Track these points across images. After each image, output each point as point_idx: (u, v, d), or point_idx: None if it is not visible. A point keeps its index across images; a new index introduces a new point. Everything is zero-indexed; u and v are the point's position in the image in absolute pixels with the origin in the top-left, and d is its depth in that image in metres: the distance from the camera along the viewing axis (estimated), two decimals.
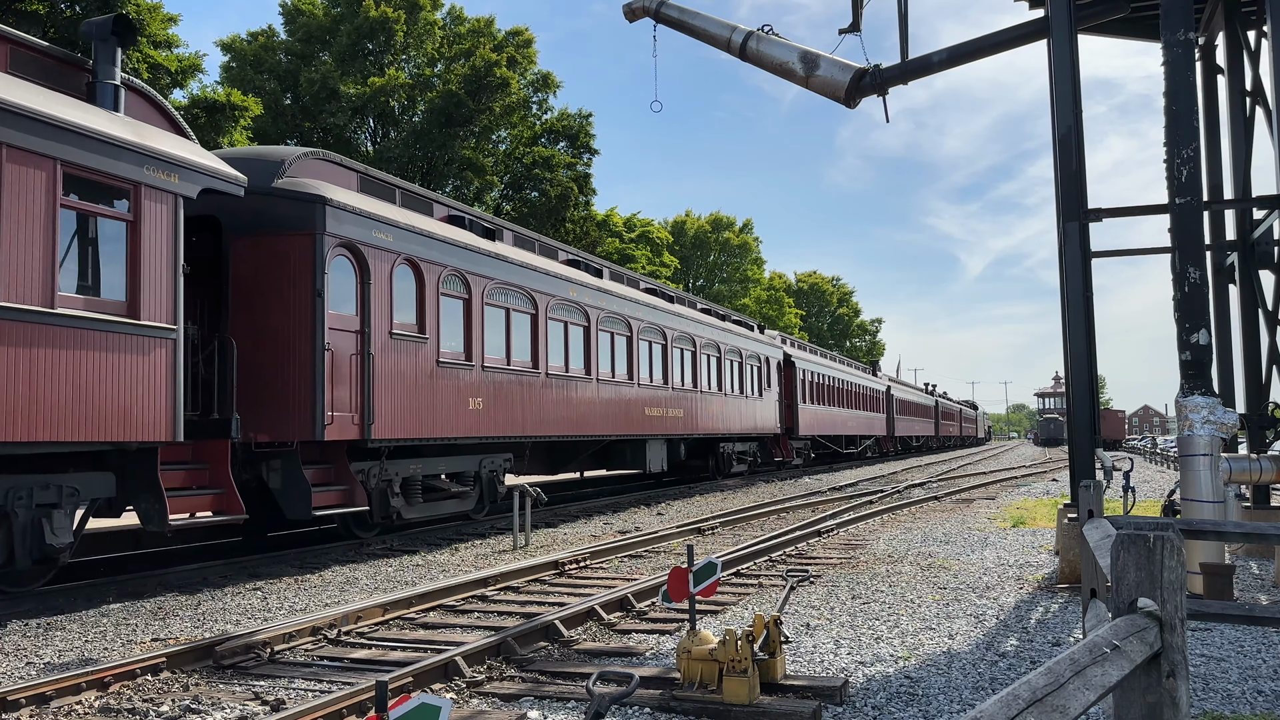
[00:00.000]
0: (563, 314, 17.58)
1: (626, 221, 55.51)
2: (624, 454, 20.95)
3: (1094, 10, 10.96)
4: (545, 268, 17.09)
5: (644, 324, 21.12)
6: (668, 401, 22.12)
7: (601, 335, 19.01)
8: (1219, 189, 12.93)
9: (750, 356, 28.93)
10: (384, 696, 2.71)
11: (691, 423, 23.63)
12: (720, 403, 25.85)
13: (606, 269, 21.07)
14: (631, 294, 21.09)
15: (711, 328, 25.69)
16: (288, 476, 11.52)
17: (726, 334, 26.96)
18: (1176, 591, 2.68)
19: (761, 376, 29.89)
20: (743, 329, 29.46)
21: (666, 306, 22.80)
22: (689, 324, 23.97)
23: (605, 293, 19.37)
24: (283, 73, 40.77)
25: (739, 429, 27.49)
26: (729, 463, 27.42)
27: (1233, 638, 7.27)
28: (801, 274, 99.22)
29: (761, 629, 5.64)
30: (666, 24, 13.32)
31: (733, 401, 26.93)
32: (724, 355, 26.42)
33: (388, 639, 7.50)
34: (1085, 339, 10.18)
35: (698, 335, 24.38)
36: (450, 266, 14.14)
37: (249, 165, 11.51)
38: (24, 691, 5.67)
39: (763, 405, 29.86)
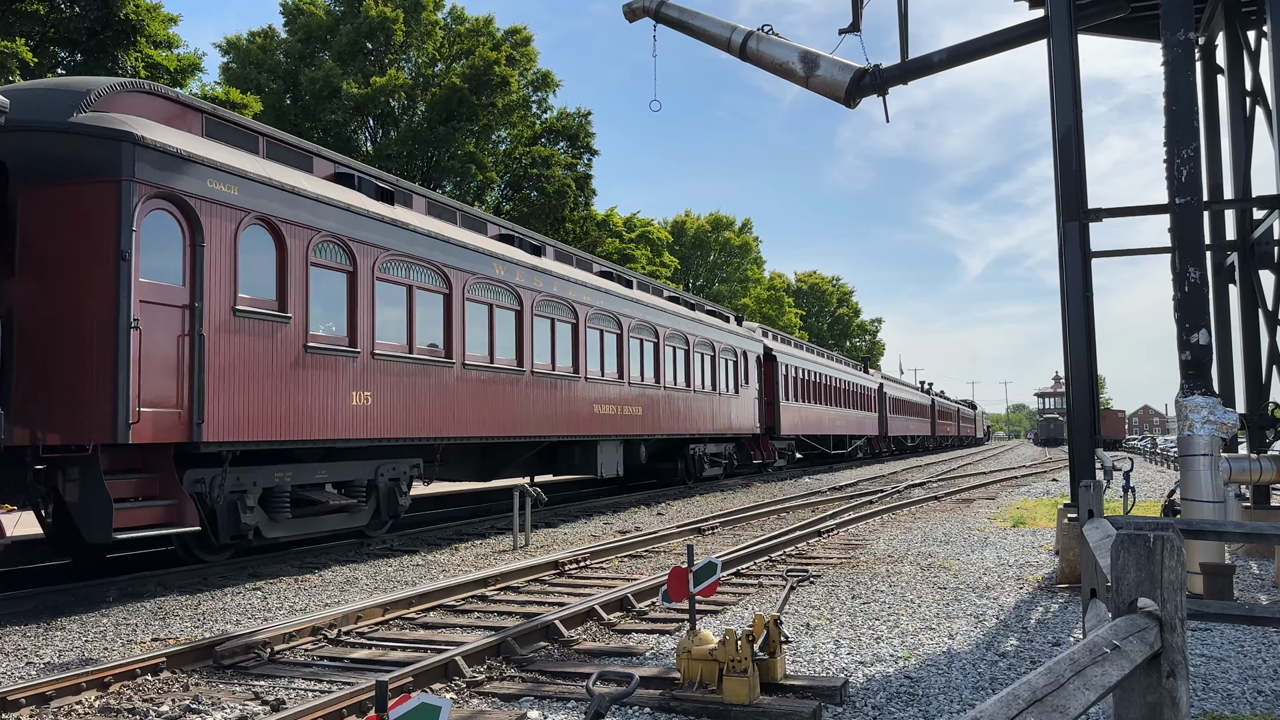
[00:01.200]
0: (487, 295, 15.09)
1: (626, 221, 55.53)
2: (571, 457, 18.54)
3: (1094, 10, 10.96)
4: (464, 241, 14.55)
5: (594, 310, 18.59)
6: (624, 398, 19.67)
7: (539, 322, 16.62)
8: (1219, 189, 12.93)
9: (725, 350, 26.60)
10: (384, 696, 2.71)
11: (653, 422, 21.23)
12: (689, 400, 23.56)
13: (551, 248, 18.59)
14: (579, 276, 18.55)
15: (678, 317, 23.33)
16: (85, 489, 9.13)
17: (696, 324, 24.58)
18: (1176, 591, 2.68)
19: (738, 372, 27.49)
20: (716, 320, 27.13)
21: (623, 292, 20.38)
22: (650, 312, 21.54)
23: (544, 273, 16.89)
24: (283, 72, 40.79)
25: (712, 429, 25.14)
26: (700, 466, 25.19)
27: (1233, 638, 7.27)
28: (801, 274, 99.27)
29: (761, 629, 5.63)
30: (666, 24, 13.31)
31: (704, 399, 24.59)
32: (693, 348, 24.12)
33: (388, 639, 7.49)
34: (1085, 339, 10.18)
35: (661, 325, 21.95)
36: (326, 231, 11.58)
37: (47, 97, 9.58)
38: (24, 691, 5.67)
39: (739, 403, 27.47)
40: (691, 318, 24.44)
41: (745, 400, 28.16)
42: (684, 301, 25.55)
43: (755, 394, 29.17)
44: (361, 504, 12.75)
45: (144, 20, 26.07)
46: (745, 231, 76.53)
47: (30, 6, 24.20)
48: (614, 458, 19.63)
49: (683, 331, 23.49)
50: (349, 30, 40.27)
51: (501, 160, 43.61)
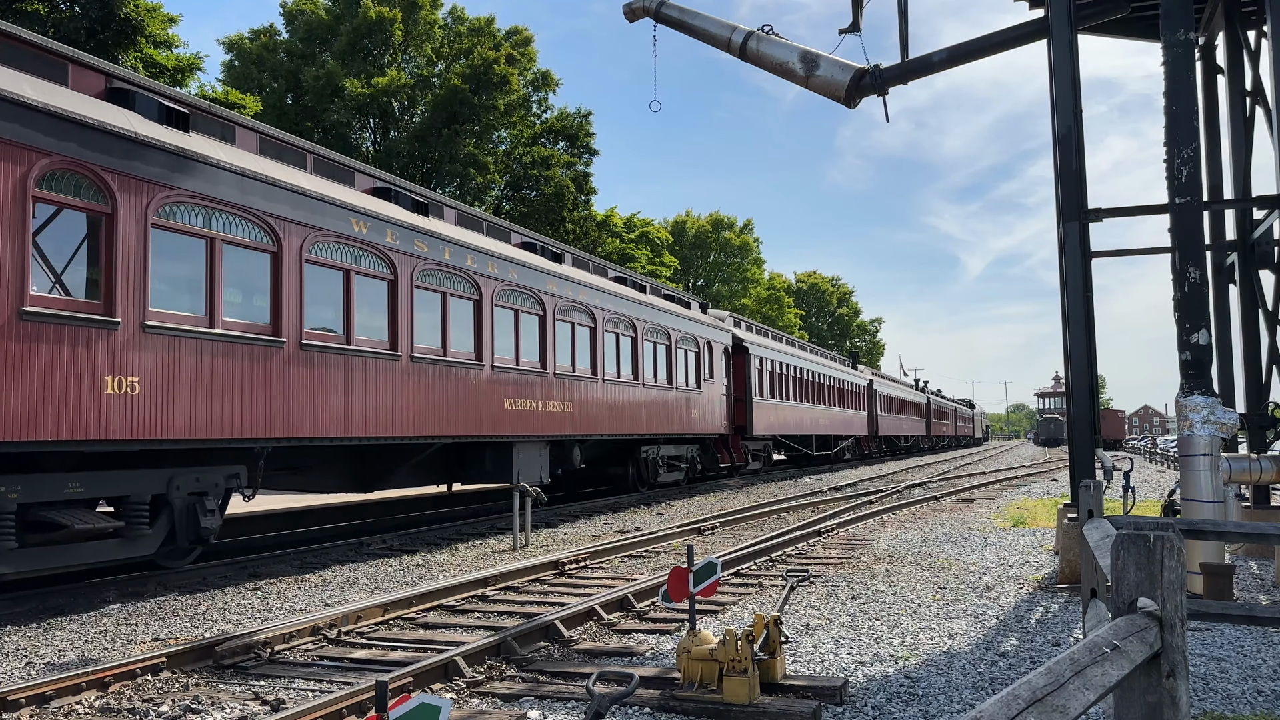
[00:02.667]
0: (340, 258, 11.97)
1: (626, 221, 55.54)
2: (480, 462, 15.73)
3: (1094, 10, 10.97)
4: (299, 185, 11.30)
5: (506, 286, 15.66)
6: (548, 392, 16.81)
7: (421, 295, 13.54)
8: (1219, 189, 12.93)
9: (684, 339, 23.64)
10: (384, 696, 2.71)
11: (589, 420, 18.24)
12: (638, 395, 20.61)
13: (452, 210, 15.46)
14: (486, 244, 15.43)
15: (622, 299, 20.27)
16: None
17: (647, 309, 21.57)
18: (1176, 591, 2.68)
19: (701, 364, 24.58)
20: (673, 305, 24.09)
21: (548, 267, 17.37)
22: (586, 292, 18.50)
23: (429, 236, 13.70)
24: (284, 72, 40.81)
25: (668, 429, 22.28)
26: (654, 470, 22.44)
27: (1233, 638, 7.27)
28: (801, 274, 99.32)
29: (761, 629, 5.64)
30: (666, 24, 13.32)
31: (657, 394, 21.65)
32: (643, 335, 21.08)
33: (388, 639, 7.50)
34: (1085, 339, 10.18)
35: (600, 307, 18.99)
36: (56, 156, 8.68)
37: None
38: (24, 691, 5.67)
39: (703, 400, 24.53)
40: (640, 300, 21.34)
41: (710, 396, 25.28)
42: (632, 283, 22.36)
43: (723, 390, 26.39)
44: (141, 527, 9.61)
45: (144, 20, 26.10)
46: (745, 232, 76.58)
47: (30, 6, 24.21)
48: (536, 462, 16.53)
49: (628, 316, 20.41)
50: (348, 30, 40.29)
51: (501, 160, 43.62)
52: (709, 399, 25.15)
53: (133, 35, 25.87)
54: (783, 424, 31.63)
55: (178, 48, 28.56)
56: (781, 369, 32.06)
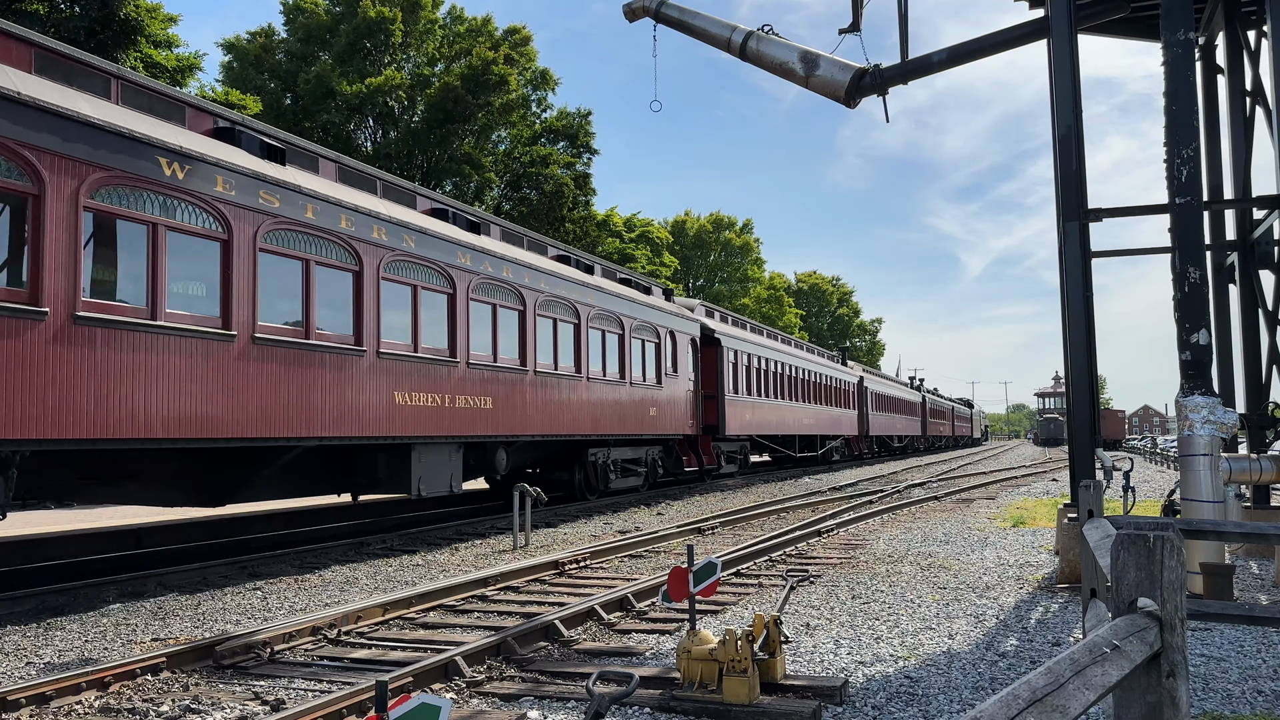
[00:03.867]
0: (148, 209, 9.55)
1: (626, 221, 55.55)
2: (372, 467, 13.30)
3: (1094, 10, 10.97)
4: (76, 113, 8.88)
5: (396, 257, 12.90)
6: (457, 383, 14.15)
7: (273, 264, 10.98)
8: (1219, 189, 12.93)
9: (641, 328, 20.95)
10: (384, 696, 2.71)
11: (516, 418, 15.75)
12: (580, 390, 18.04)
13: (326, 160, 12.65)
14: (367, 203, 12.64)
15: (561, 280, 17.62)
16: None
17: (593, 292, 18.81)
18: (1176, 591, 2.68)
19: (661, 357, 22.02)
20: (629, 290, 21.38)
21: (458, 236, 14.53)
22: (510, 268, 15.82)
23: (282, 188, 11.07)
24: (283, 72, 40.82)
25: (620, 428, 19.72)
26: (604, 476, 19.96)
27: (1233, 638, 7.27)
28: (801, 274, 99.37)
29: (761, 629, 5.64)
30: (666, 24, 13.32)
31: (605, 390, 19.06)
32: (588, 322, 18.50)
33: (388, 639, 7.50)
34: (1085, 339, 10.18)
35: (530, 288, 16.36)
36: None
37: None
38: (24, 691, 5.67)
39: (663, 396, 21.98)
40: (585, 283, 18.62)
41: (674, 393, 22.71)
42: (578, 262, 19.64)
43: (690, 385, 23.92)
44: None
45: (143, 20, 26.12)
46: (746, 232, 76.60)
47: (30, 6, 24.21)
48: (445, 468, 14.03)
49: (570, 300, 17.84)
50: (347, 30, 40.30)
51: (501, 160, 43.62)
52: (672, 396, 22.62)
53: (132, 35, 25.88)
54: (761, 423, 29.24)
55: (177, 47, 28.58)
56: (760, 363, 29.59)
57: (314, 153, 12.56)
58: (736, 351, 27.38)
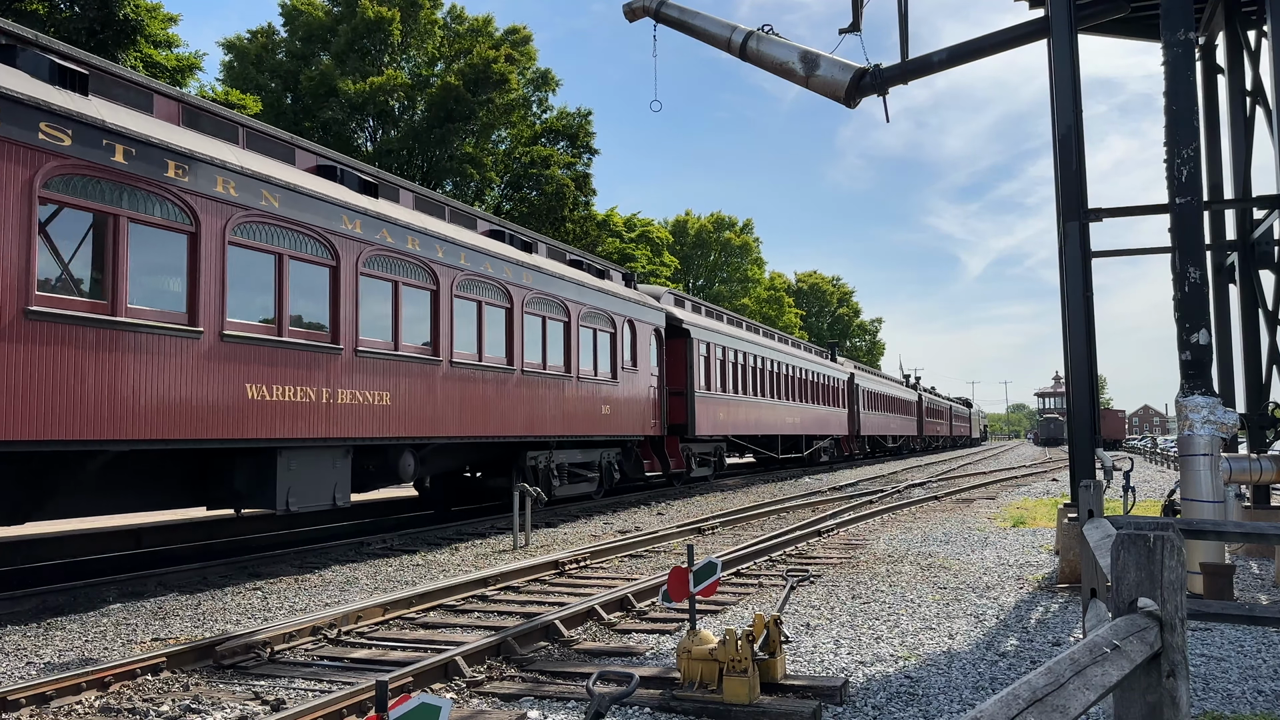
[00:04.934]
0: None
1: (627, 221, 55.56)
2: (227, 476, 11.21)
3: (1094, 10, 10.96)
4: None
5: (248, 217, 10.67)
6: (341, 375, 11.84)
7: (64, 218, 8.92)
8: (1219, 189, 12.94)
9: (591, 315, 18.75)
10: (384, 696, 2.71)
11: (424, 416, 13.41)
12: (512, 385, 15.76)
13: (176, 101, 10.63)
14: (215, 152, 10.43)
15: (487, 256, 15.20)
16: None
17: (530, 272, 16.52)
18: (1176, 591, 2.68)
19: (618, 348, 19.80)
20: (579, 272, 18.98)
21: (346, 199, 12.15)
22: (418, 240, 13.41)
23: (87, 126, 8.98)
24: (283, 72, 40.83)
25: (564, 429, 17.52)
26: (546, 481, 17.45)
27: (1233, 638, 7.27)
28: (801, 274, 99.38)
29: (761, 629, 5.63)
30: (666, 24, 13.32)
31: (544, 384, 16.82)
32: (524, 307, 16.25)
33: (388, 639, 7.50)
34: (1085, 339, 10.18)
35: (446, 264, 14.06)
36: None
37: None
38: (24, 691, 5.67)
39: (620, 392, 19.82)
40: (520, 261, 16.35)
41: (633, 389, 20.53)
42: (514, 238, 16.95)
43: (653, 381, 21.67)
44: None
45: (143, 20, 26.12)
46: (746, 232, 76.60)
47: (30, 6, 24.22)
48: (325, 477, 11.80)
49: (500, 281, 15.57)
50: (347, 30, 40.31)
51: (501, 160, 43.62)
52: (630, 392, 20.38)
53: (132, 35, 25.88)
54: (737, 422, 27.01)
55: (177, 47, 28.58)
56: (736, 358, 27.37)
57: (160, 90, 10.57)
58: (709, 345, 25.15)
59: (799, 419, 33.92)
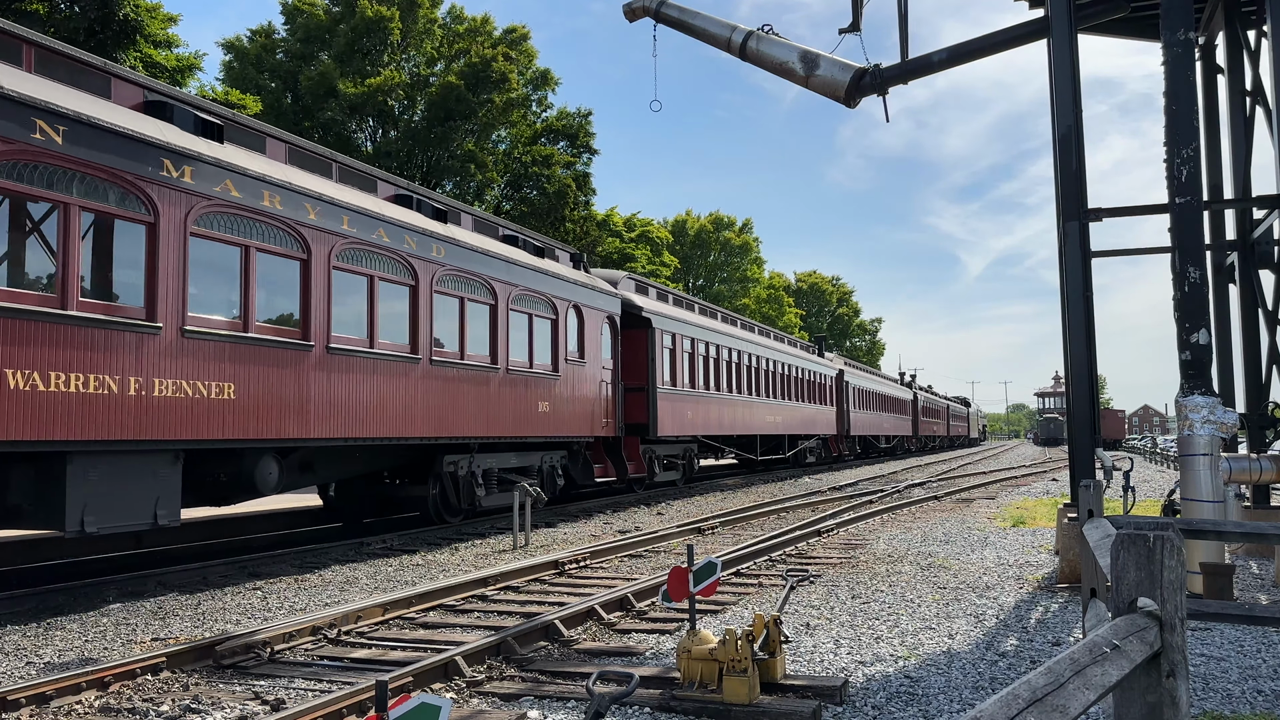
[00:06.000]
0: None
1: (626, 221, 55.56)
2: None
3: (1094, 10, 10.96)
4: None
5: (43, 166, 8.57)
6: (158, 361, 9.56)
7: None
8: (1219, 189, 12.94)
9: (525, 299, 16.47)
10: (384, 696, 2.71)
11: (295, 415, 11.20)
12: (419, 377, 13.51)
13: None
14: None
15: (378, 222, 12.85)
16: None
17: (439, 244, 14.12)
18: (1176, 591, 2.68)
19: (561, 338, 17.58)
20: (511, 250, 16.67)
21: (168, 137, 9.83)
22: (281, 198, 11.17)
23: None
24: (284, 72, 40.82)
25: (490, 429, 15.26)
26: (468, 490, 15.34)
27: (1233, 637, 7.28)
28: (801, 274, 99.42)
29: (761, 629, 5.64)
30: (666, 24, 13.32)
31: (462, 376, 14.54)
32: (432, 285, 13.89)
33: (388, 639, 7.50)
34: (1085, 339, 10.18)
35: (318, 230, 11.73)
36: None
37: None
38: (24, 691, 5.67)
39: (562, 387, 17.57)
40: (428, 231, 13.94)
41: (579, 384, 18.27)
42: (428, 206, 14.64)
43: (606, 375, 19.46)
44: None
45: (143, 20, 26.11)
46: (745, 231, 76.61)
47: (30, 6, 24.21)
48: (142, 489, 9.49)
49: (399, 253, 13.22)
50: (346, 30, 40.30)
51: (501, 160, 43.62)
52: (576, 387, 18.15)
53: (132, 35, 25.88)
54: (709, 422, 24.85)
55: (177, 47, 28.58)
56: (709, 351, 25.18)
57: None
58: (675, 336, 22.84)
59: (781, 418, 31.70)
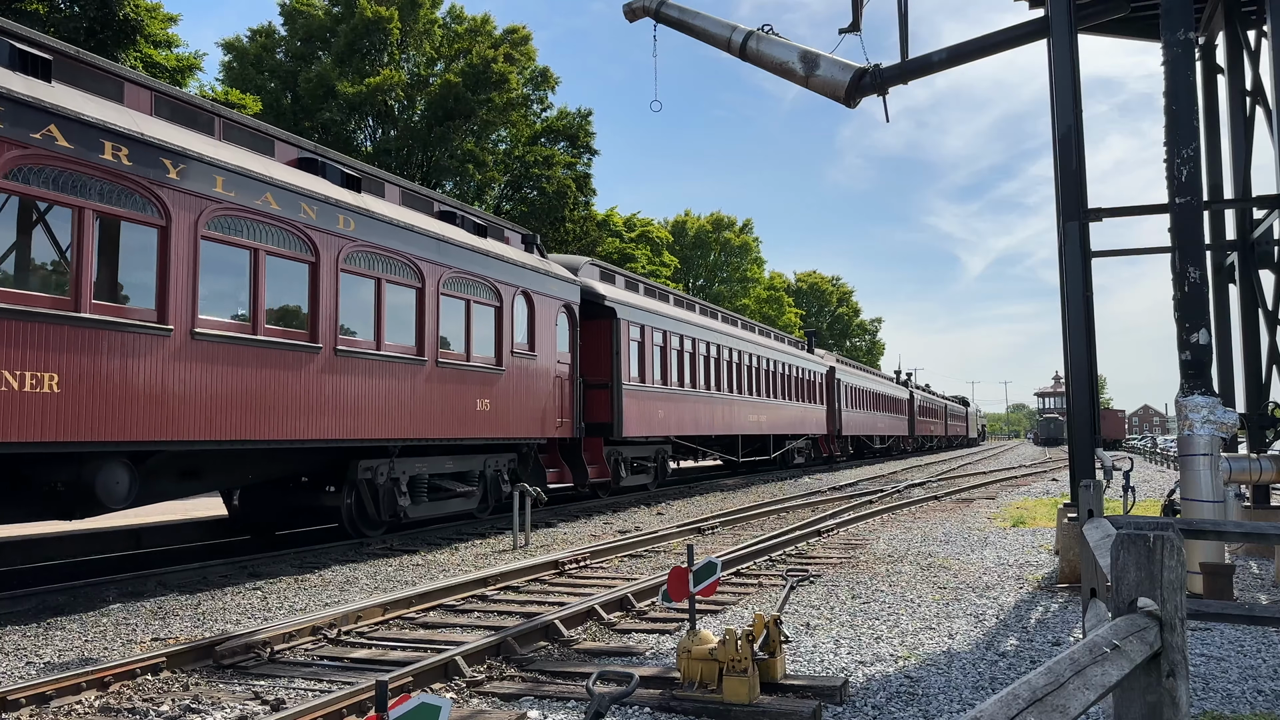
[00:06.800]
0: None
1: (626, 221, 55.54)
2: None
3: (1094, 10, 10.97)
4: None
5: None
6: None
7: None
8: (1219, 189, 12.94)
9: (459, 283, 14.54)
10: (384, 696, 2.71)
11: (145, 413, 9.49)
12: (321, 369, 11.63)
13: None
14: None
15: (265, 185, 11.00)
16: None
17: (347, 214, 12.17)
18: (1176, 591, 2.68)
19: (506, 327, 15.68)
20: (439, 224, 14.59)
21: None
22: (130, 152, 9.43)
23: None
24: (283, 72, 40.82)
25: (414, 430, 13.29)
26: (389, 499, 13.45)
27: (1233, 638, 7.27)
28: (801, 274, 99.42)
29: (761, 629, 5.64)
30: (666, 24, 13.32)
31: (380, 371, 12.63)
32: (335, 262, 11.94)
33: (388, 639, 7.49)
34: (1085, 339, 10.18)
35: (183, 192, 10.00)
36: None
37: None
38: (24, 691, 5.67)
39: (509, 383, 15.71)
40: (334, 200, 12.01)
41: (529, 379, 16.43)
42: (335, 171, 12.69)
43: (562, 371, 17.65)
44: None
45: (143, 20, 26.09)
46: (745, 231, 76.60)
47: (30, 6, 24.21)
48: None
49: (296, 224, 11.38)
50: (346, 30, 40.29)
51: (501, 160, 43.61)
52: (524, 383, 16.27)
53: (132, 35, 25.87)
54: (682, 421, 23.03)
55: (177, 47, 28.57)
56: (683, 345, 23.43)
57: None
58: (644, 328, 21.01)
59: (765, 417, 29.85)
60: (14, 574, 10.73)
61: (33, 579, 10.42)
